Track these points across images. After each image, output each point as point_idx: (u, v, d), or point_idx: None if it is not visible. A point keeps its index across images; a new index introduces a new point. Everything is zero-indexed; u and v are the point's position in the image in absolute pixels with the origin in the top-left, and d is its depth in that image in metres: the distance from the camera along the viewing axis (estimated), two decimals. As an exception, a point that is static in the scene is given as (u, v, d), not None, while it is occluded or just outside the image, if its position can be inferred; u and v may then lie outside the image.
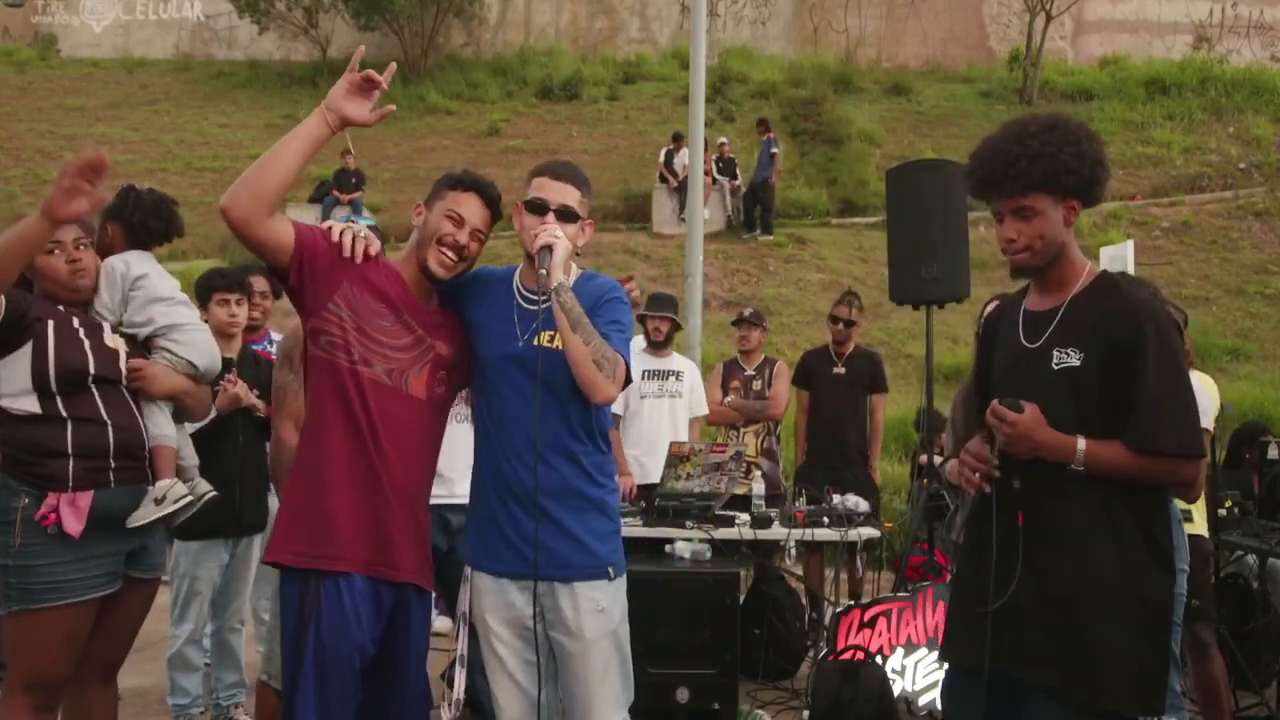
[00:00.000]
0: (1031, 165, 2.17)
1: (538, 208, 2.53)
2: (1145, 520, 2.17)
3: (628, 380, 2.51)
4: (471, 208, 2.49)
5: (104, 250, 3.09)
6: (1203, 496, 3.50)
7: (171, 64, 21.94)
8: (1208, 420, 3.27)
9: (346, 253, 2.39)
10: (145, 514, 2.80)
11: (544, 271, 2.41)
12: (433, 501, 3.47)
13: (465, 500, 3.59)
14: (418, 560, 2.46)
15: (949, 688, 2.47)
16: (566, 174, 2.59)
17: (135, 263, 3.02)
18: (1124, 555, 2.15)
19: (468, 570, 2.61)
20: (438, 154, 17.11)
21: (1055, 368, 2.20)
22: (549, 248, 2.41)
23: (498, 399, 2.50)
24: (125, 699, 4.28)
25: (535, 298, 2.53)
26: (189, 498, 2.88)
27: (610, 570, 2.54)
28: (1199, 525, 3.69)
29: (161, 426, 2.94)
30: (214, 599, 4.01)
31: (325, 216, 13.66)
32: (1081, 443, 2.13)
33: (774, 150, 15.00)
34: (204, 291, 3.96)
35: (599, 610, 2.51)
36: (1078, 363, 2.17)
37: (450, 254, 2.46)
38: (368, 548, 2.34)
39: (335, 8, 20.29)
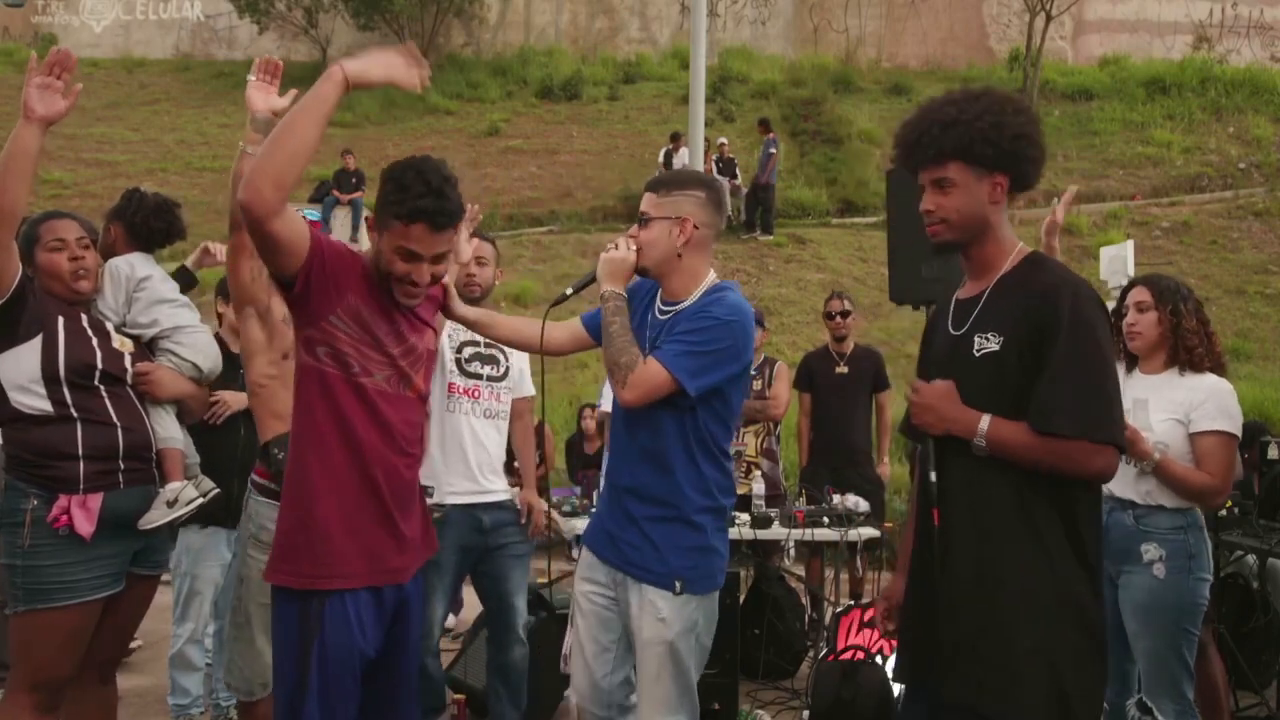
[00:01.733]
0: (944, 133, 2.09)
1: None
2: (1067, 521, 2.03)
3: (682, 393, 2.51)
4: (422, 241, 2.27)
5: (106, 251, 3.12)
6: None
7: (171, 64, 21.96)
8: (1235, 427, 3.19)
9: None
10: (158, 516, 2.82)
11: (569, 291, 2.79)
12: (466, 500, 3.51)
13: (497, 498, 3.64)
14: (418, 553, 2.46)
15: (901, 708, 2.44)
16: (651, 183, 2.78)
17: (139, 265, 3.05)
18: (1040, 557, 2.01)
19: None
20: (438, 154, 16.92)
21: (976, 354, 2.10)
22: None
23: (619, 403, 2.66)
24: (125, 699, 4.27)
25: (669, 309, 2.68)
26: (199, 499, 2.90)
27: (677, 584, 2.58)
28: None
29: (169, 429, 2.96)
30: (216, 599, 4.01)
31: (326, 217, 13.66)
32: (985, 420, 2.03)
33: (772, 150, 15.01)
34: (223, 291, 4.00)
35: (659, 618, 2.58)
36: (997, 347, 2.07)
37: (413, 289, 2.32)
38: (369, 559, 2.31)
39: (335, 8, 20.31)
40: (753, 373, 5.70)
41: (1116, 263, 6.54)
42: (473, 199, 2.81)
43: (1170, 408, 3.17)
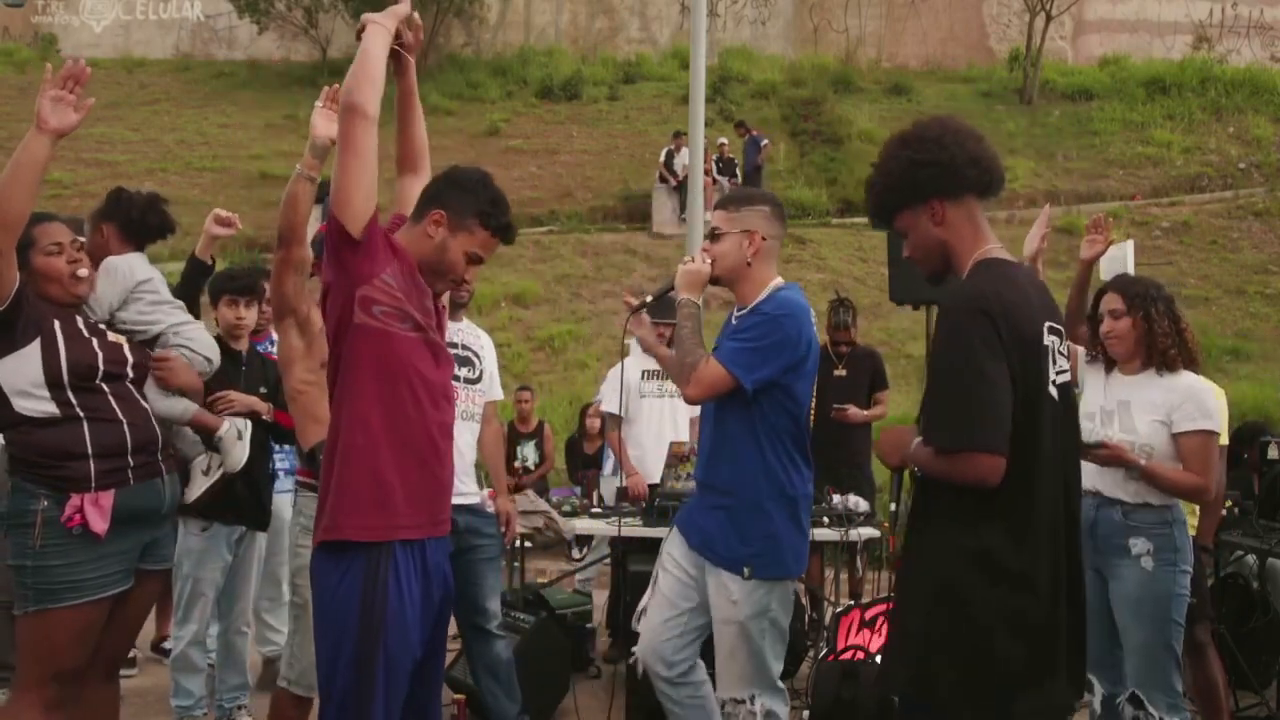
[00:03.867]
0: (870, 198, 2.35)
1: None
2: (970, 527, 2.11)
3: (740, 387, 2.80)
4: (491, 251, 2.44)
5: (98, 251, 3.16)
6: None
7: (171, 64, 21.95)
8: (1215, 424, 3.25)
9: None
10: (195, 488, 3.04)
11: (649, 299, 3.14)
12: None
13: (469, 500, 3.66)
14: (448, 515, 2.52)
15: None
16: (720, 201, 3.04)
17: (138, 267, 3.13)
18: (937, 552, 2.16)
19: None
20: (438, 154, 16.72)
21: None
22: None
23: (685, 399, 3.02)
24: (126, 699, 4.27)
25: (738, 314, 3.00)
26: (223, 469, 3.10)
27: (745, 569, 2.83)
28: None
29: (181, 402, 3.13)
30: (219, 600, 4.01)
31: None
32: (913, 444, 2.21)
33: (764, 142, 15.07)
34: (215, 292, 4.01)
35: (731, 600, 2.84)
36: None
37: (461, 287, 2.56)
38: (428, 510, 2.37)
39: (335, 8, 20.29)
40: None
41: (1116, 263, 6.53)
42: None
43: (1151, 409, 3.26)
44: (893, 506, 3.78)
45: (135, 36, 22.55)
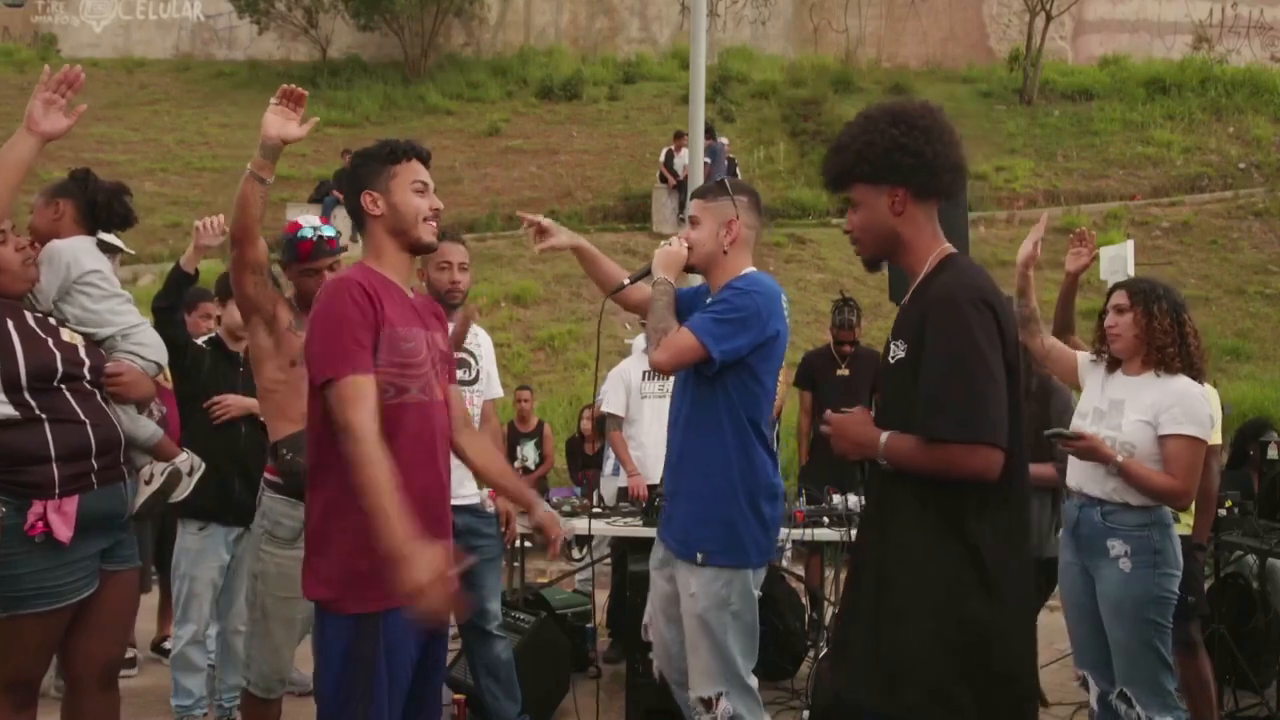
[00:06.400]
0: (834, 158, 2.22)
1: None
2: (955, 524, 2.04)
3: (708, 358, 2.74)
4: (422, 171, 2.45)
5: (46, 229, 2.96)
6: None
7: (171, 64, 21.93)
8: (1210, 430, 3.24)
9: None
10: (139, 496, 2.91)
11: (627, 281, 3.06)
12: None
13: (468, 501, 3.66)
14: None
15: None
16: (697, 191, 3.06)
17: (85, 256, 2.90)
18: (927, 559, 2.05)
19: None
20: (438, 154, 16.72)
21: (891, 361, 2.17)
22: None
23: (652, 365, 2.93)
24: (126, 699, 4.26)
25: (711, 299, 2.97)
26: (169, 468, 2.97)
27: (699, 555, 2.77)
28: (1182, 524, 3.66)
29: (148, 426, 3.01)
30: (217, 600, 4.01)
31: (326, 217, 13.65)
32: (883, 436, 2.11)
33: (722, 139, 14.73)
34: (224, 289, 4.02)
35: (690, 593, 2.80)
36: (903, 354, 2.12)
37: (435, 219, 2.46)
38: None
39: (335, 8, 20.27)
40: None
41: (1116, 263, 6.54)
42: (473, 199, 2.85)
43: (1141, 409, 3.23)
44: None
45: (135, 36, 22.53)
